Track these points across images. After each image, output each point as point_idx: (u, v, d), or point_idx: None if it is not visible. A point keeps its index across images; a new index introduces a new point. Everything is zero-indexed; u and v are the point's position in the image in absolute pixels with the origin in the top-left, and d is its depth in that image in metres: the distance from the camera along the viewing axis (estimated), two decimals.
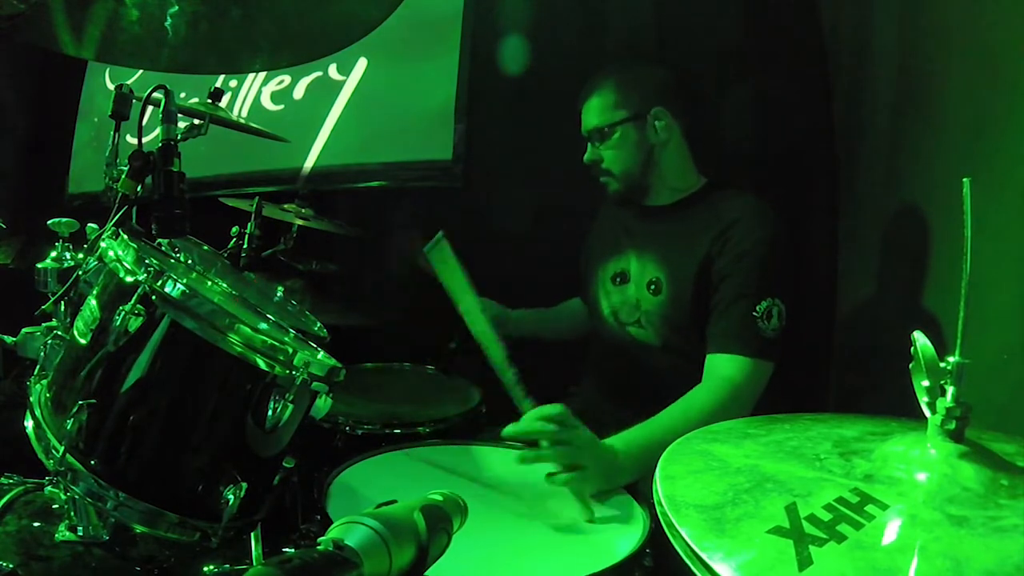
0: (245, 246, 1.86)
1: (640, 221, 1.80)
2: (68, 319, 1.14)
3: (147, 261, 0.99)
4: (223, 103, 1.74)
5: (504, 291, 2.20)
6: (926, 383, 0.70)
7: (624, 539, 1.13)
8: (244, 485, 1.00)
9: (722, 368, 1.49)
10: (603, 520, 1.22)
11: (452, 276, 1.53)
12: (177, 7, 1.19)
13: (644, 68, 1.82)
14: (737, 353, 1.49)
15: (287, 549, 1.25)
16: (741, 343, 1.49)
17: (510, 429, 1.30)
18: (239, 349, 0.98)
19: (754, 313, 1.49)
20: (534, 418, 1.29)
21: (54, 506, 1.09)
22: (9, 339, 1.18)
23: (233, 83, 3.01)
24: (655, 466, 0.79)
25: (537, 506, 1.25)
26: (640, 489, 1.31)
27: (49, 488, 1.09)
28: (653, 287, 1.70)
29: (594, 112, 1.73)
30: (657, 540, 1.12)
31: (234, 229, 1.87)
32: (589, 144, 1.76)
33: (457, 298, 1.51)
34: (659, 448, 1.29)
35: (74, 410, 0.95)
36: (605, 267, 1.86)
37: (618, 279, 1.81)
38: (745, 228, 1.58)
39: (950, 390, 0.68)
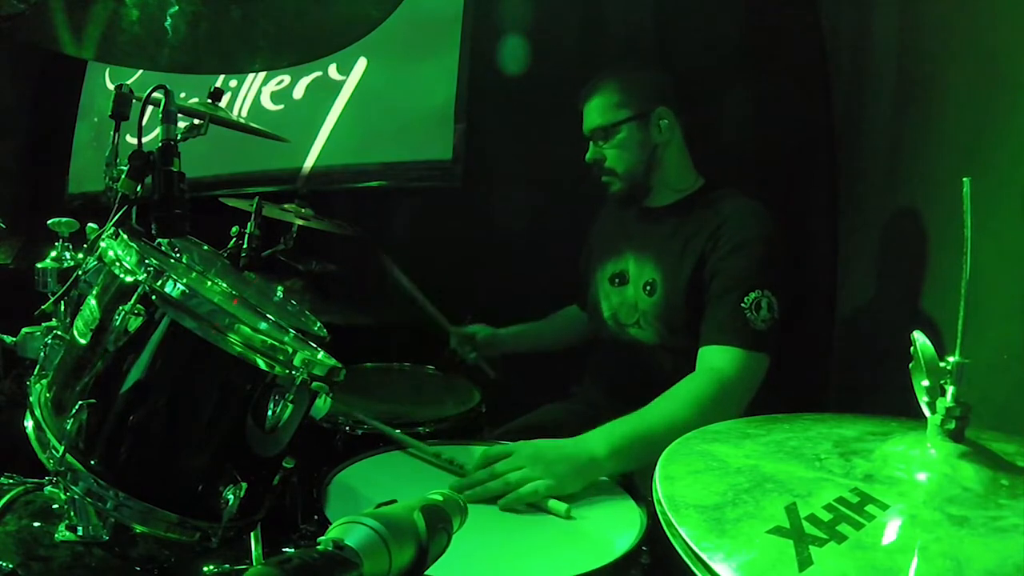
0: (245, 246, 1.86)
1: (638, 222, 1.80)
2: (68, 319, 1.14)
3: (147, 261, 0.99)
4: (223, 103, 1.74)
5: (503, 291, 2.21)
6: (926, 383, 0.69)
7: (621, 537, 1.13)
8: (244, 485, 1.00)
9: (712, 359, 1.49)
10: (600, 518, 1.22)
11: None
12: (177, 7, 1.19)
13: (646, 68, 1.83)
14: (726, 344, 1.48)
15: (287, 549, 1.25)
16: (729, 334, 1.49)
17: (458, 485, 1.27)
18: (239, 349, 0.98)
19: (742, 304, 1.49)
20: (472, 471, 1.29)
21: (54, 506, 1.09)
22: (9, 339, 1.18)
23: (233, 83, 3.01)
24: (648, 458, 0.79)
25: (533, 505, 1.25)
26: (638, 487, 1.31)
27: (49, 488, 1.09)
28: (648, 288, 1.71)
29: (597, 111, 1.73)
30: (654, 538, 1.12)
31: (234, 229, 1.87)
32: (591, 144, 1.76)
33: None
34: (645, 439, 1.31)
35: (74, 410, 0.95)
36: (604, 268, 1.86)
37: (617, 280, 1.81)
38: (736, 226, 1.58)
39: (950, 390, 0.68)
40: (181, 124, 1.24)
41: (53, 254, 1.20)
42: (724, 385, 1.44)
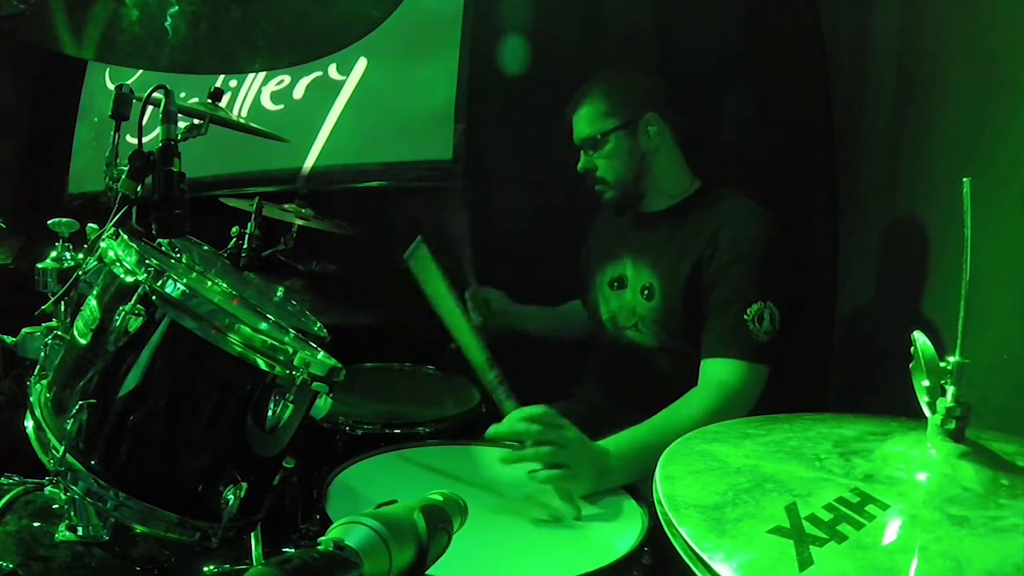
0: (245, 246, 1.86)
1: (635, 227, 1.80)
2: (68, 319, 1.14)
3: (147, 261, 0.99)
4: (223, 103, 1.74)
5: (503, 291, 2.20)
6: (926, 383, 0.70)
7: (623, 537, 1.13)
8: (244, 485, 1.00)
9: (715, 372, 1.49)
10: (602, 519, 1.22)
11: (432, 281, 1.52)
12: (177, 7, 1.19)
13: (632, 75, 1.81)
14: (729, 357, 1.49)
15: (287, 549, 1.25)
16: (733, 347, 1.49)
17: (493, 430, 1.30)
18: (239, 349, 0.98)
19: (745, 317, 1.49)
20: (517, 418, 1.29)
21: (54, 506, 1.09)
22: (9, 339, 1.18)
23: (233, 83, 3.01)
24: (651, 469, 0.79)
25: (535, 505, 1.25)
26: (639, 489, 1.31)
27: (49, 488, 1.09)
28: (646, 292, 1.71)
29: (585, 121, 1.73)
30: (656, 538, 1.12)
31: (234, 229, 1.87)
32: (582, 153, 1.75)
33: (437, 303, 1.50)
34: (651, 452, 1.30)
35: (74, 410, 0.95)
36: (603, 272, 1.86)
37: (615, 284, 1.81)
38: (736, 231, 1.57)
39: (950, 390, 0.68)
40: (181, 124, 1.24)
41: (53, 254, 1.20)
42: (728, 398, 1.45)
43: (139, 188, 1.14)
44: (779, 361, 1.52)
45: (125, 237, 1.07)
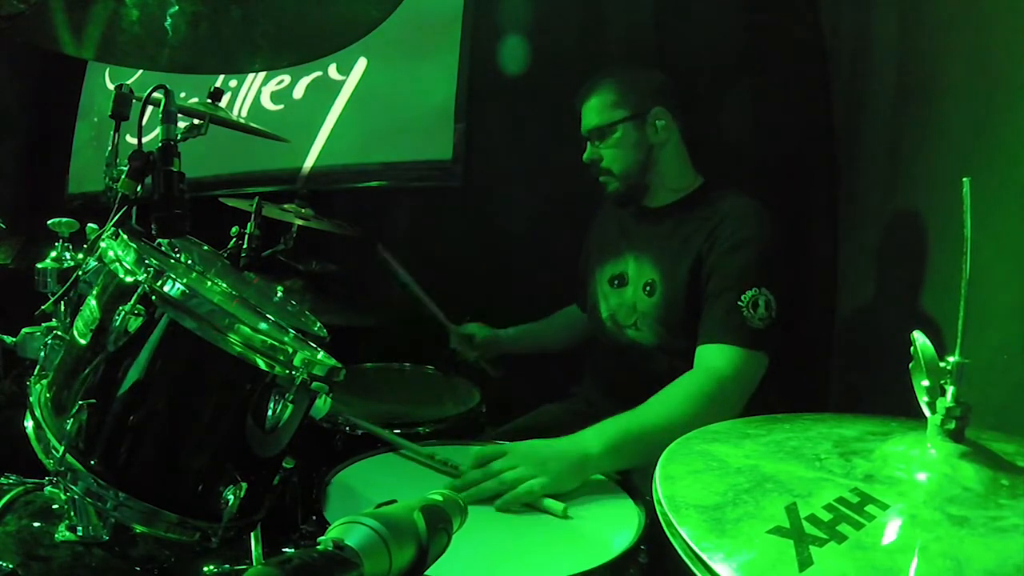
0: (245, 246, 1.86)
1: (637, 223, 1.81)
2: (68, 319, 1.14)
3: (147, 261, 0.99)
4: (223, 103, 1.74)
5: (503, 291, 2.20)
6: (926, 383, 0.69)
7: (620, 536, 1.13)
8: (244, 485, 1.00)
9: (708, 358, 1.49)
10: (599, 517, 1.22)
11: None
12: (177, 7, 1.19)
13: (643, 69, 1.84)
14: (722, 342, 1.48)
15: (287, 549, 1.25)
16: (726, 332, 1.49)
17: (453, 487, 1.27)
18: (239, 349, 0.98)
19: (739, 303, 1.49)
20: (466, 481, 1.27)
21: (54, 506, 1.09)
22: (9, 339, 1.18)
23: (233, 83, 3.01)
24: (645, 456, 0.79)
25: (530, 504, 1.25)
26: (637, 487, 1.31)
27: (49, 488, 1.09)
28: (648, 288, 1.71)
29: (594, 111, 1.74)
30: (653, 537, 1.12)
31: (234, 229, 1.87)
32: (588, 143, 1.76)
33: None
34: (641, 436, 1.32)
35: (74, 410, 0.95)
36: (603, 269, 1.86)
37: (616, 282, 1.81)
38: (733, 225, 1.58)
39: (950, 390, 0.68)
40: (181, 124, 1.24)
41: (53, 254, 1.20)
42: (721, 384, 1.44)
43: (139, 188, 1.14)
44: (778, 351, 1.51)
45: (125, 237, 1.07)
